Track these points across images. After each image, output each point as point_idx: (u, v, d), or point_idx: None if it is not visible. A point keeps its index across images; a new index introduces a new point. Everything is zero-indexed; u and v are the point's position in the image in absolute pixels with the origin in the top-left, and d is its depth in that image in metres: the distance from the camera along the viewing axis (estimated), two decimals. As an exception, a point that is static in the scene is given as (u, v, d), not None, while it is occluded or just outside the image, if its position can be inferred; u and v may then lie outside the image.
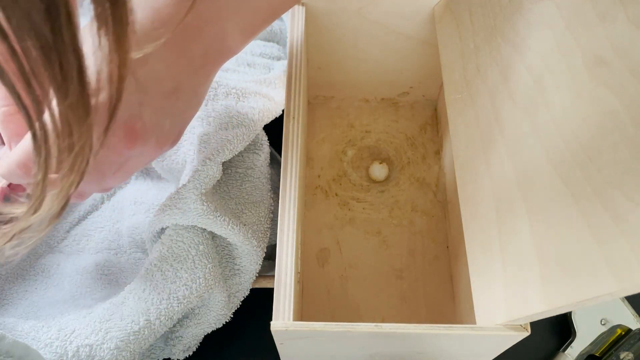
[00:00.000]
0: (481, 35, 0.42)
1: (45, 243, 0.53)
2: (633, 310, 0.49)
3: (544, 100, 0.33)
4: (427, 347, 0.38)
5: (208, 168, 0.44)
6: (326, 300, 0.51)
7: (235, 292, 0.47)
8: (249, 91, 0.50)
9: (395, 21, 0.52)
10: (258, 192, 0.48)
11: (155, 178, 0.56)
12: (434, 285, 0.51)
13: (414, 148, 0.59)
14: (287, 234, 0.39)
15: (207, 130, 0.47)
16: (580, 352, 0.49)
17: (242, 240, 0.45)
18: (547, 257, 0.30)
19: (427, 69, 0.57)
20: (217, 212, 0.44)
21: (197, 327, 0.45)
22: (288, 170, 0.42)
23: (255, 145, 0.49)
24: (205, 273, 0.42)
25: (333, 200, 0.56)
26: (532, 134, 0.34)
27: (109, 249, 0.53)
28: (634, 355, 0.48)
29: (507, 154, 0.36)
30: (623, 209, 0.25)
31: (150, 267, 0.43)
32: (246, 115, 0.48)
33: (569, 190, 0.29)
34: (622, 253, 0.25)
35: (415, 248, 0.53)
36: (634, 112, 0.26)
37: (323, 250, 0.54)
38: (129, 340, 0.39)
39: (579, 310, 0.50)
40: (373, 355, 0.41)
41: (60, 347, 0.38)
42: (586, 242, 0.27)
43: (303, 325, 0.35)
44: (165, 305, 0.41)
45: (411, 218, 0.55)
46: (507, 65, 0.38)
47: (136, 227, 0.53)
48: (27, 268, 0.51)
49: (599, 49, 0.29)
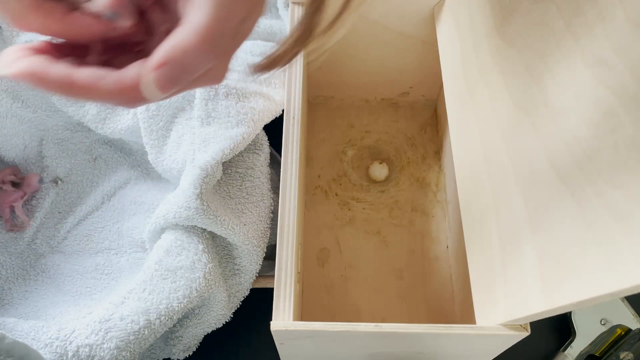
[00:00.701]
0: (481, 35, 0.42)
1: (46, 243, 0.53)
2: (633, 310, 0.49)
3: (544, 100, 0.33)
4: (427, 347, 0.38)
5: (208, 168, 0.44)
6: (326, 300, 0.51)
7: (235, 292, 0.47)
8: (249, 91, 0.50)
9: (395, 21, 0.52)
10: (258, 192, 0.48)
11: (155, 178, 0.56)
12: (434, 285, 0.51)
13: (414, 148, 0.59)
14: (287, 234, 0.39)
15: (207, 130, 0.47)
16: (580, 352, 0.49)
17: (242, 240, 0.45)
18: (547, 257, 0.30)
19: (427, 69, 0.57)
20: (217, 212, 0.44)
21: (197, 327, 0.45)
22: (288, 170, 0.42)
23: (255, 145, 0.50)
24: (205, 273, 0.42)
25: (333, 200, 0.56)
26: (532, 134, 0.34)
27: (109, 249, 0.53)
28: (634, 355, 0.48)
29: (507, 154, 0.36)
30: (623, 208, 0.25)
31: (150, 267, 0.43)
32: (246, 115, 0.48)
33: (568, 190, 0.29)
34: (622, 253, 0.25)
35: (415, 248, 0.53)
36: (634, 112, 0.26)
37: (323, 250, 0.54)
38: (129, 340, 0.39)
39: (579, 310, 0.50)
40: (373, 355, 0.41)
41: (60, 347, 0.38)
42: (586, 242, 0.27)
43: (303, 325, 0.35)
44: (165, 305, 0.41)
45: (411, 218, 0.55)
46: (507, 65, 0.38)
47: (136, 227, 0.53)
48: (27, 268, 0.51)
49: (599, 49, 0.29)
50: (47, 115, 0.56)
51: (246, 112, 0.48)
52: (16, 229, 0.52)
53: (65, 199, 0.55)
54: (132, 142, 0.57)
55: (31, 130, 0.55)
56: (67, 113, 0.54)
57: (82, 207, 0.55)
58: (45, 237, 0.53)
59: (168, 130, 0.49)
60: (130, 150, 0.58)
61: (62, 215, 0.55)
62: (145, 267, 0.43)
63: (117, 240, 0.53)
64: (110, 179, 0.57)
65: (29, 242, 0.53)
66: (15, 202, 0.53)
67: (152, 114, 0.49)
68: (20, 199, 0.53)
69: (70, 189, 0.56)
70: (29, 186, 0.54)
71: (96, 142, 0.58)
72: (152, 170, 0.56)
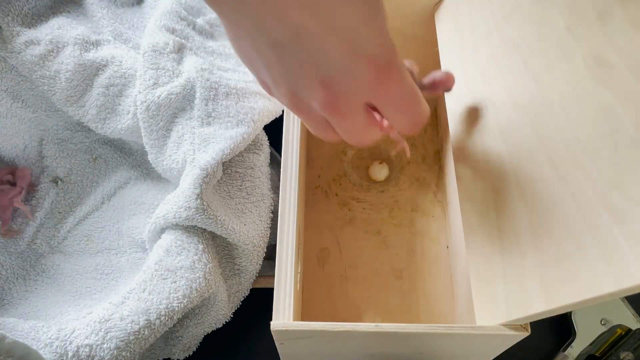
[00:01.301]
0: (481, 35, 0.42)
1: (46, 243, 0.53)
2: (633, 310, 0.49)
3: (544, 101, 0.33)
4: (427, 347, 0.38)
5: (208, 168, 0.44)
6: (326, 300, 0.51)
7: (235, 292, 0.47)
8: (249, 91, 0.50)
9: (395, 21, 0.52)
10: (258, 192, 0.48)
11: (155, 178, 0.56)
12: (434, 285, 0.51)
13: (414, 148, 0.59)
14: (287, 234, 0.39)
15: (207, 130, 0.47)
16: (580, 352, 0.49)
17: (242, 240, 0.45)
18: (547, 257, 0.30)
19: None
20: (217, 212, 0.44)
21: (197, 327, 0.45)
22: (288, 170, 0.42)
23: (255, 145, 0.50)
24: (205, 273, 0.42)
25: (333, 200, 0.56)
26: (531, 134, 0.34)
27: (109, 249, 0.53)
28: (634, 355, 0.48)
29: (507, 153, 0.36)
30: (623, 209, 0.25)
31: (150, 267, 0.43)
32: (246, 115, 0.48)
33: (568, 190, 0.29)
34: (622, 253, 0.25)
35: (415, 248, 0.53)
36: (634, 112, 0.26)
37: (323, 250, 0.54)
38: (129, 340, 0.39)
39: (579, 310, 0.50)
40: (373, 355, 0.41)
41: (60, 347, 0.38)
42: (586, 242, 0.27)
43: (303, 325, 0.35)
44: (165, 305, 0.41)
45: (411, 218, 0.55)
46: (507, 65, 0.38)
47: (136, 227, 0.53)
48: (27, 268, 0.51)
49: (599, 49, 0.29)
50: (47, 115, 0.56)
51: (246, 112, 0.48)
52: (11, 234, 0.52)
53: (65, 199, 0.55)
54: (132, 142, 0.57)
55: (31, 130, 0.55)
56: (67, 113, 0.54)
57: (82, 207, 0.55)
58: (45, 237, 0.53)
59: (168, 130, 0.49)
60: (130, 150, 0.58)
61: (62, 215, 0.55)
62: (145, 267, 0.43)
63: (117, 240, 0.53)
64: (110, 179, 0.57)
65: (29, 242, 0.53)
66: (14, 197, 0.53)
67: (152, 114, 0.49)
68: (18, 194, 0.53)
69: (70, 189, 0.56)
70: (23, 179, 0.54)
71: (96, 142, 0.58)
72: (152, 170, 0.56)
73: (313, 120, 0.33)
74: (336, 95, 0.31)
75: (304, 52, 0.29)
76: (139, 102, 0.49)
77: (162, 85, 0.49)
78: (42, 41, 0.51)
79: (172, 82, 0.49)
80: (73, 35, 0.52)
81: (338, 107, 0.31)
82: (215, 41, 0.57)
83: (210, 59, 0.53)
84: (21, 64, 0.51)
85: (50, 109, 0.55)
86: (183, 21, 0.55)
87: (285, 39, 0.28)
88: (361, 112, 0.31)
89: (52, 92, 0.52)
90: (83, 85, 0.52)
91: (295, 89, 0.31)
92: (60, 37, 0.52)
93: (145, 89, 0.49)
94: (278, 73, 0.31)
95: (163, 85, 0.49)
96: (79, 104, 0.52)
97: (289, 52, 0.29)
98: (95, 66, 0.52)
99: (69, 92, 0.52)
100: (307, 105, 0.32)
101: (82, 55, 0.51)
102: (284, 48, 0.29)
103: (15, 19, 0.51)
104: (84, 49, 0.52)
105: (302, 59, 0.29)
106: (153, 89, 0.49)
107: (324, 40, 0.29)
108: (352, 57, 0.29)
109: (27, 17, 0.53)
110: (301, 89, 0.31)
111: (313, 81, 0.30)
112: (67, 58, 0.51)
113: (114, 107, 0.52)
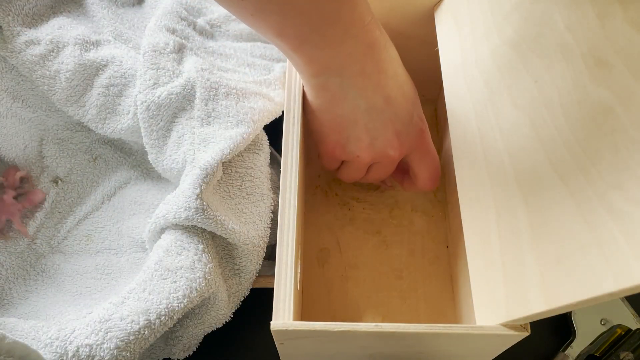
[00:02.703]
0: (481, 35, 0.42)
1: (46, 243, 0.53)
2: (633, 310, 0.49)
3: (544, 100, 0.33)
4: (427, 347, 0.38)
5: (208, 168, 0.44)
6: (326, 300, 0.51)
7: (235, 292, 0.47)
8: (249, 91, 0.50)
9: (395, 21, 0.52)
10: (258, 192, 0.48)
11: (155, 178, 0.56)
12: (434, 285, 0.51)
13: (414, 148, 0.59)
14: (287, 234, 0.39)
15: (207, 130, 0.47)
16: (580, 352, 0.49)
17: (242, 240, 0.45)
18: (547, 257, 0.30)
19: (427, 69, 0.57)
20: (217, 212, 0.44)
21: (197, 327, 0.45)
22: (288, 170, 0.42)
23: (255, 145, 0.50)
24: (205, 273, 0.42)
25: (333, 200, 0.56)
26: (531, 134, 0.34)
27: (109, 249, 0.53)
28: (634, 355, 0.48)
29: (507, 153, 0.36)
30: (623, 209, 0.25)
31: (150, 267, 0.43)
32: (246, 115, 0.48)
33: (568, 191, 0.29)
34: (622, 253, 0.25)
35: (415, 248, 0.53)
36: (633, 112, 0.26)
37: (323, 250, 0.54)
38: (129, 340, 0.39)
39: (579, 310, 0.50)
40: (373, 355, 0.41)
41: (60, 347, 0.38)
42: (586, 242, 0.27)
43: (303, 325, 0.35)
44: (165, 305, 0.41)
45: (411, 218, 0.55)
46: (507, 65, 0.38)
47: (136, 227, 0.53)
48: (27, 268, 0.51)
49: (599, 49, 0.30)
50: (47, 115, 0.56)
51: (246, 112, 0.48)
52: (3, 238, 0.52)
53: (65, 199, 0.55)
54: (132, 142, 0.57)
55: (31, 130, 0.55)
56: (67, 113, 0.54)
57: (82, 207, 0.55)
58: (45, 237, 0.53)
59: (168, 130, 0.49)
60: (130, 150, 0.58)
61: (62, 215, 0.55)
62: (145, 267, 0.43)
63: (117, 240, 0.53)
64: (110, 179, 0.57)
65: (29, 242, 0.53)
66: (13, 216, 0.52)
67: (152, 114, 0.49)
68: (18, 213, 0.52)
69: (70, 189, 0.56)
70: (30, 202, 0.53)
71: (96, 142, 0.58)
72: (152, 170, 0.56)
73: (364, 165, 0.46)
74: (402, 143, 0.44)
75: (388, 113, 0.42)
76: (139, 102, 0.49)
77: (162, 85, 0.49)
78: (43, 41, 0.51)
79: (172, 82, 0.49)
80: (73, 35, 0.52)
81: (402, 152, 0.44)
82: (215, 41, 0.57)
83: (211, 59, 0.53)
84: (21, 64, 0.51)
85: (50, 109, 0.55)
86: (183, 21, 0.55)
87: (379, 103, 0.41)
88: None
89: (52, 92, 0.52)
90: (83, 85, 0.52)
91: (375, 141, 0.43)
92: (61, 37, 0.52)
93: (145, 89, 0.49)
94: (364, 130, 0.42)
95: (163, 85, 0.49)
96: (79, 103, 0.52)
97: (378, 113, 0.41)
98: (95, 66, 0.52)
99: (69, 92, 0.52)
100: (371, 154, 0.44)
101: (82, 55, 0.51)
102: (376, 110, 0.41)
103: (16, 19, 0.51)
104: (84, 49, 0.52)
105: (386, 118, 0.42)
106: (153, 89, 0.49)
107: (400, 104, 0.42)
108: (411, 116, 0.44)
109: (28, 17, 0.53)
110: (381, 140, 0.43)
111: (391, 133, 0.43)
112: (67, 58, 0.51)
113: (114, 107, 0.52)
